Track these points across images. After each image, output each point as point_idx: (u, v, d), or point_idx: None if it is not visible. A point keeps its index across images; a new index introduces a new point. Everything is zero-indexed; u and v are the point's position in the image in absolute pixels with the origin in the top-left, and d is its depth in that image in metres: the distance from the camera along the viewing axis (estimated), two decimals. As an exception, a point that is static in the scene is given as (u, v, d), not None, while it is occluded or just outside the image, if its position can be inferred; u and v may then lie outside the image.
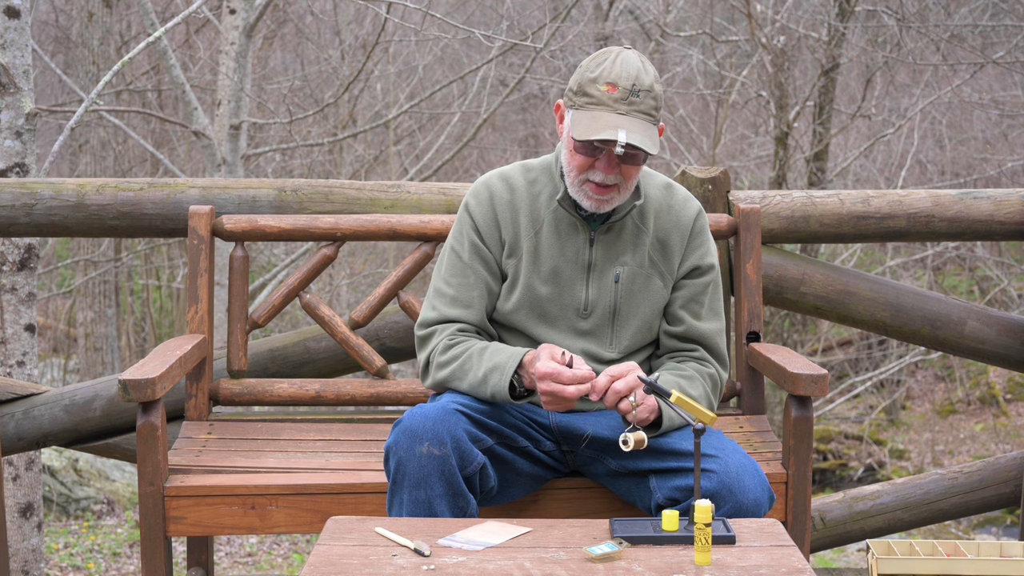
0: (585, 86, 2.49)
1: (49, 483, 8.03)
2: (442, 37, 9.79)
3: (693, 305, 2.68)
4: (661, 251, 2.66)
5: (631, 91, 2.46)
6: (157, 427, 2.62)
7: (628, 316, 2.63)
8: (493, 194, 2.66)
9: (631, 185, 2.55)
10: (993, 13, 10.84)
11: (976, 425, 12.63)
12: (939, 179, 12.15)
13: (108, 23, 10.45)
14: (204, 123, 7.03)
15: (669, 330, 2.68)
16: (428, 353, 2.62)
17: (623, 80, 2.46)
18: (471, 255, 2.65)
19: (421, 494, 2.36)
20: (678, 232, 2.66)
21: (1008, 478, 3.67)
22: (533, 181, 2.66)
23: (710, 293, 2.70)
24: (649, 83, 2.47)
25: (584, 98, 2.48)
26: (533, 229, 2.63)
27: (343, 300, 11.37)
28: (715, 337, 2.69)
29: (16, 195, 3.43)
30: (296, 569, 7.05)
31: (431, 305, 2.66)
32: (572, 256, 2.62)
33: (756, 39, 9.46)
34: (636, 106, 2.46)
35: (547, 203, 2.64)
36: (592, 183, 2.52)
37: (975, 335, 3.57)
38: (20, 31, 4.17)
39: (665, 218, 2.66)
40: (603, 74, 2.47)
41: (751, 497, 2.37)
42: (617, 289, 2.62)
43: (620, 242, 2.63)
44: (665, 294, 2.66)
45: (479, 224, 2.65)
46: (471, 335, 2.62)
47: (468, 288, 2.63)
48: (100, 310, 11.42)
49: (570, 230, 2.62)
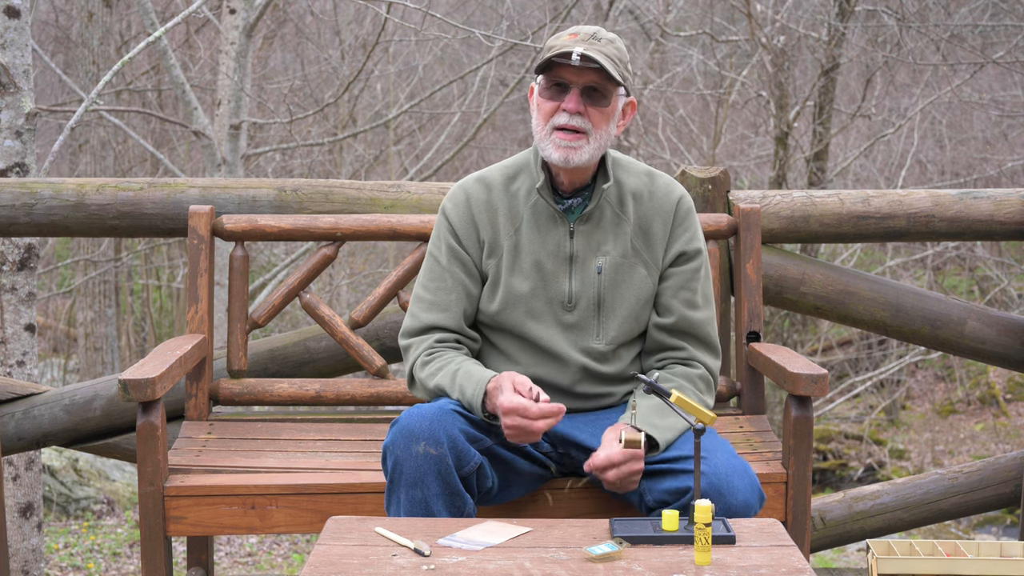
0: (549, 42, 2.56)
1: (49, 483, 8.03)
2: (442, 37, 9.79)
3: (685, 293, 2.65)
4: (644, 239, 2.64)
5: (593, 36, 2.52)
6: (157, 427, 2.62)
7: (613, 307, 2.62)
8: (469, 196, 2.66)
9: (600, 137, 2.54)
10: (993, 13, 10.84)
11: (976, 425, 12.63)
12: (939, 179, 12.15)
13: (108, 23, 10.45)
14: (204, 123, 7.03)
15: (660, 322, 2.65)
16: (410, 367, 2.64)
17: (584, 30, 2.54)
18: (449, 259, 2.65)
19: (418, 493, 2.36)
20: (660, 218, 2.64)
21: (1008, 478, 3.67)
22: (511, 178, 2.66)
23: (701, 279, 2.67)
24: (612, 37, 2.55)
25: (548, 52, 2.53)
26: (513, 227, 2.63)
27: (343, 300, 11.38)
28: (707, 326, 2.66)
29: (16, 195, 3.43)
30: (296, 569, 7.05)
31: (411, 312, 2.67)
32: (553, 249, 2.61)
33: (756, 39, 9.47)
34: (597, 46, 2.51)
35: (526, 198, 2.63)
36: (560, 128, 2.52)
37: (975, 335, 3.57)
38: (20, 31, 4.17)
39: (647, 204, 2.64)
40: (565, 32, 2.56)
41: (740, 498, 2.37)
42: (600, 280, 2.61)
43: (600, 232, 2.62)
44: (650, 283, 2.64)
45: (456, 227, 2.65)
46: (448, 345, 2.62)
47: (446, 292, 2.63)
48: (100, 310, 11.42)
49: (549, 223, 2.62)
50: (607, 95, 2.53)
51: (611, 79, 2.51)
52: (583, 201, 2.62)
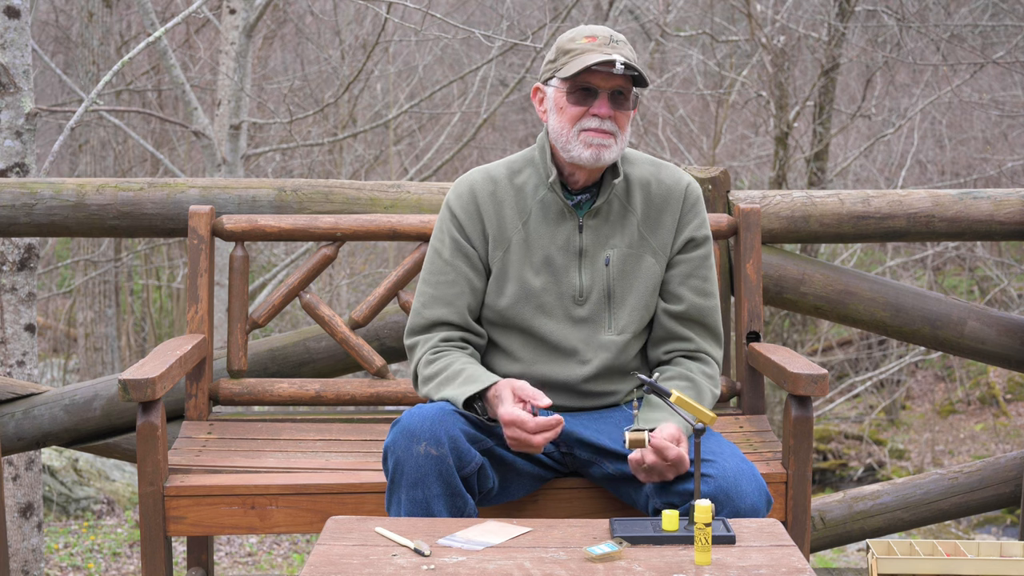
0: (564, 45, 2.57)
1: (49, 483, 8.03)
2: (442, 37, 9.79)
3: (695, 280, 2.66)
4: (651, 226, 2.64)
5: (611, 39, 2.55)
6: (157, 427, 2.62)
7: (623, 298, 2.62)
8: (474, 188, 2.66)
9: (624, 138, 2.58)
10: (993, 13, 10.84)
11: (976, 425, 12.63)
12: (939, 179, 12.16)
13: (108, 23, 10.45)
14: (204, 123, 7.02)
15: (670, 309, 2.65)
16: (415, 366, 2.64)
17: (600, 33, 2.55)
18: (452, 252, 2.64)
19: (418, 494, 2.36)
20: (669, 204, 2.66)
21: (1008, 478, 3.67)
22: (517, 172, 2.67)
23: (710, 267, 2.69)
24: (624, 38, 2.57)
25: (567, 55, 2.54)
26: (520, 220, 2.63)
27: (343, 300, 11.38)
28: (715, 314, 2.69)
29: (16, 195, 3.43)
30: (296, 569, 7.05)
31: (414, 309, 2.67)
32: (563, 243, 2.62)
33: (756, 39, 9.47)
34: (619, 50, 2.53)
35: (533, 192, 2.64)
36: (590, 129, 2.54)
37: (975, 335, 3.57)
38: (20, 31, 4.17)
39: (654, 191, 2.66)
40: (579, 33, 2.57)
41: (748, 502, 2.37)
42: (609, 272, 2.62)
43: (608, 226, 2.63)
44: (658, 271, 2.64)
45: (461, 220, 2.65)
46: (453, 344, 2.62)
47: (449, 286, 2.63)
48: (100, 310, 11.42)
49: (559, 218, 2.62)
50: (629, 98, 2.57)
51: (637, 83, 2.56)
52: (591, 197, 2.63)
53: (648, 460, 2.38)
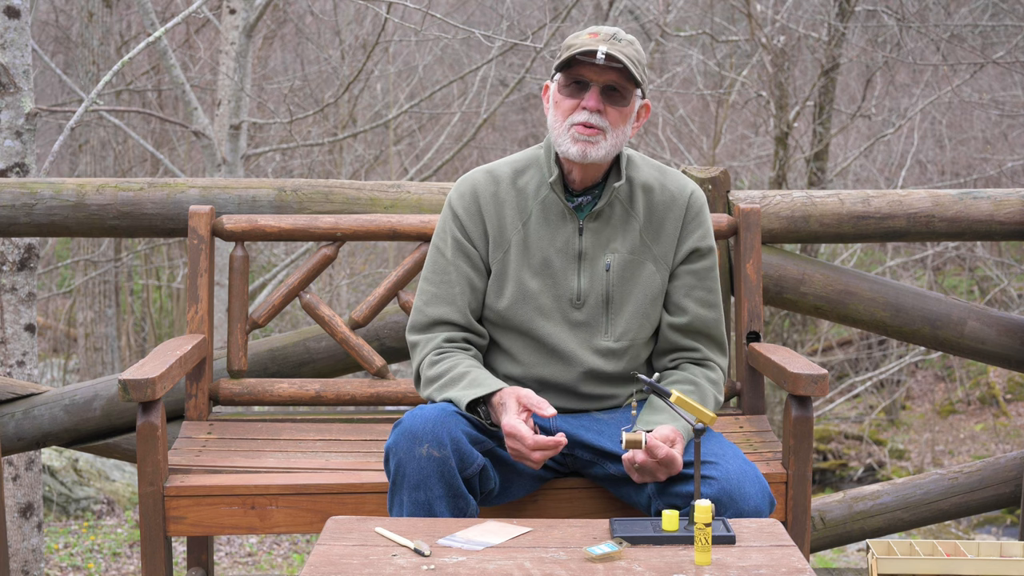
0: (568, 41, 2.57)
1: (49, 483, 8.03)
2: (442, 37, 9.79)
3: (699, 292, 2.65)
4: (653, 233, 2.63)
5: (613, 36, 2.54)
6: (157, 427, 2.62)
7: (621, 304, 2.62)
8: (476, 188, 2.66)
9: (617, 136, 2.56)
10: (993, 13, 10.84)
11: (976, 425, 12.63)
12: (939, 179, 12.16)
13: (108, 23, 10.45)
14: (204, 123, 7.03)
15: (672, 322, 2.65)
16: (417, 365, 2.63)
17: (604, 31, 2.54)
18: (454, 252, 2.64)
19: (421, 495, 2.36)
20: (672, 213, 2.64)
21: (1008, 478, 3.67)
22: (520, 172, 2.66)
23: (714, 278, 2.69)
24: (631, 39, 2.56)
25: (568, 50, 2.54)
26: (521, 220, 2.62)
27: (343, 300, 11.38)
28: (719, 325, 2.68)
29: (16, 195, 3.43)
30: (296, 569, 7.05)
31: (416, 307, 2.67)
32: (562, 246, 2.61)
33: (756, 39, 9.47)
34: (619, 46, 2.52)
35: (535, 193, 2.63)
36: (578, 124, 2.53)
37: (975, 335, 3.57)
38: (20, 31, 4.17)
39: (658, 198, 2.64)
40: (586, 31, 2.57)
41: (752, 504, 2.37)
42: (608, 278, 2.61)
43: (609, 229, 2.62)
44: (659, 279, 2.64)
45: (462, 219, 2.64)
46: (457, 345, 2.61)
47: (450, 284, 2.63)
48: (100, 310, 11.42)
49: (559, 220, 2.62)
50: (626, 95, 2.55)
51: (631, 79, 2.53)
52: (593, 199, 2.62)
53: (639, 459, 2.38)
